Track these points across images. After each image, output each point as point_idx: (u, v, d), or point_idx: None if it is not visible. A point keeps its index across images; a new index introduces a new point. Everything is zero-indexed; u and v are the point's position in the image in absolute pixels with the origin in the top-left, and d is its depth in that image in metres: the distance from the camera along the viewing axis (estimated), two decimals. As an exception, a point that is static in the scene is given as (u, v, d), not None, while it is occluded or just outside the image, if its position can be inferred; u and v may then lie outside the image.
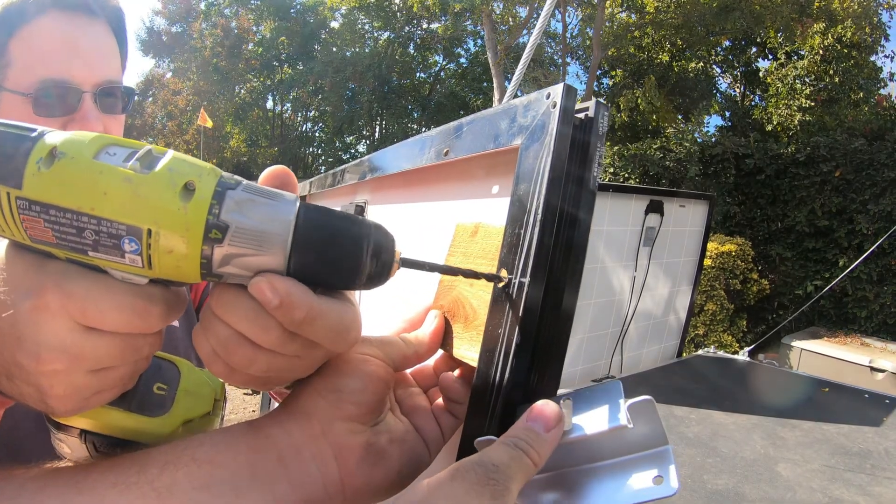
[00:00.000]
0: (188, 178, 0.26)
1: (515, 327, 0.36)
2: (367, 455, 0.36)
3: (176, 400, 0.38)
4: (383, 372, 0.39)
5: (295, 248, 0.27)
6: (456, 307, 0.45)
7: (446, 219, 0.57)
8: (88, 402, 0.32)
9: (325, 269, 0.29)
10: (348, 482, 0.35)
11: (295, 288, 0.28)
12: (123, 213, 0.25)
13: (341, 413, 0.36)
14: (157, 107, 13.94)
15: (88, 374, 0.30)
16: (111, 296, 0.28)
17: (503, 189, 0.47)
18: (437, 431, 0.41)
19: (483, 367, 0.38)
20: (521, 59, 1.15)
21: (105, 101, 0.67)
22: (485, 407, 0.37)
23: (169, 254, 0.26)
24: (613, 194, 2.31)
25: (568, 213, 0.37)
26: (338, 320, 0.31)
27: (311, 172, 15.24)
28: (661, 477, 0.29)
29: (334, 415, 0.36)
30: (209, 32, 13.76)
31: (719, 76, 12.05)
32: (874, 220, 6.34)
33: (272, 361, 0.31)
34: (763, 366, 2.64)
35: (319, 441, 0.35)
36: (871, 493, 1.32)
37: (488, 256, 0.43)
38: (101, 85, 0.66)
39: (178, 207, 0.25)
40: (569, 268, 0.38)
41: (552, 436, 0.31)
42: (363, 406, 0.37)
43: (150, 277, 0.28)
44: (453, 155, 0.51)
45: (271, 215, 0.27)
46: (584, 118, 0.38)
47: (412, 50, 16.22)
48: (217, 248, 0.26)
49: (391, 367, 0.40)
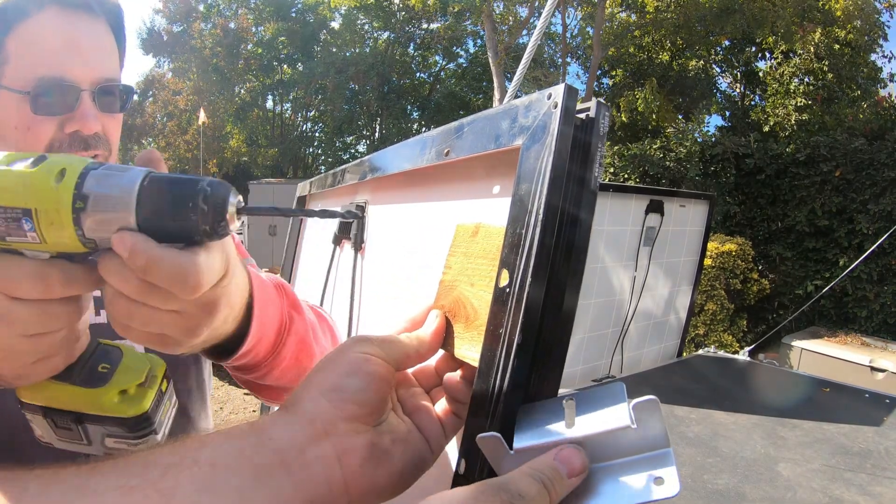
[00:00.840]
0: (62, 167, 0.33)
1: (517, 327, 0.36)
2: (370, 455, 0.36)
3: (115, 374, 0.46)
4: (384, 371, 0.39)
5: (139, 207, 0.33)
6: (457, 307, 0.45)
7: (447, 219, 0.57)
8: (34, 368, 0.39)
9: (165, 222, 0.34)
10: (352, 482, 0.35)
11: (138, 238, 0.33)
12: (18, 200, 0.32)
13: (344, 413, 0.36)
14: (158, 107, 13.93)
15: (23, 339, 0.37)
16: (20, 268, 0.35)
17: (504, 189, 0.47)
18: (440, 431, 0.41)
19: (484, 367, 0.38)
20: (522, 60, 1.15)
21: (103, 100, 0.67)
22: (486, 407, 0.37)
23: (51, 226, 0.33)
24: (613, 194, 2.31)
25: (569, 213, 0.37)
26: (174, 265, 0.34)
27: (311, 172, 15.23)
28: (661, 479, 0.29)
29: (337, 415, 0.36)
30: (209, 33, 13.76)
31: (719, 76, 12.05)
32: (874, 220, 6.34)
33: (150, 315, 0.37)
34: (763, 365, 2.64)
35: (323, 441, 0.35)
36: (871, 492, 1.32)
37: (489, 257, 0.43)
38: (99, 83, 0.66)
39: (52, 188, 0.32)
40: (570, 268, 0.38)
41: (573, 482, 0.31)
42: (366, 406, 0.37)
43: (49, 252, 0.35)
44: (454, 155, 0.51)
45: (120, 183, 0.33)
46: (586, 118, 0.38)
47: (412, 50, 16.22)
48: (83, 216, 0.33)
49: (392, 366, 0.40)
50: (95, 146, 0.66)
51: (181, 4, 14.25)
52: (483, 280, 0.42)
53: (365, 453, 0.36)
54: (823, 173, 6.80)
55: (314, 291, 1.25)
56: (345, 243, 1.09)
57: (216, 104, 13.58)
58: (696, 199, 2.72)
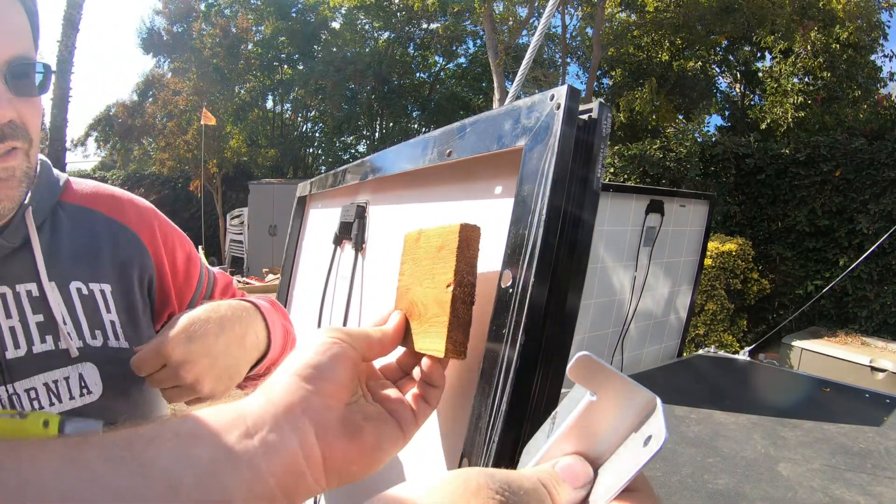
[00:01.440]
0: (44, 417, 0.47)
1: (519, 328, 0.36)
2: (344, 430, 0.39)
3: None
4: (352, 353, 0.42)
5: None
6: (412, 308, 0.49)
7: (449, 220, 0.57)
8: None
9: None
10: (327, 455, 0.37)
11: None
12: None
13: (317, 389, 0.39)
14: (157, 107, 13.91)
15: None
16: None
17: (507, 190, 0.48)
18: (411, 415, 0.44)
19: (487, 367, 0.38)
20: (524, 60, 1.15)
21: (17, 83, 0.57)
22: (489, 406, 0.37)
23: None
24: (613, 194, 2.31)
25: (572, 213, 0.37)
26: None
27: (311, 173, 15.22)
28: (649, 437, 0.29)
29: (311, 391, 0.38)
30: (209, 34, 13.74)
31: (719, 76, 12.05)
32: (874, 220, 6.34)
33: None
34: (763, 365, 2.64)
35: (298, 416, 0.37)
36: (871, 492, 1.32)
37: (430, 256, 0.47)
38: (9, 63, 0.56)
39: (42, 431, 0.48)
40: (572, 268, 0.38)
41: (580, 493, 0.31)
42: (336, 383, 0.40)
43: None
44: (456, 156, 0.51)
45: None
46: (588, 119, 0.38)
47: (412, 50, 16.20)
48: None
49: (359, 352, 0.43)
50: (13, 136, 0.57)
51: (181, 4, 14.24)
52: (428, 278, 0.46)
53: (339, 428, 0.38)
54: (823, 173, 6.80)
55: (314, 292, 1.25)
56: (345, 244, 1.09)
57: (216, 104, 13.56)
58: (696, 199, 2.72)
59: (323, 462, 0.37)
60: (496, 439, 0.38)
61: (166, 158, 13.42)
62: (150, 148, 14.97)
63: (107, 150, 16.17)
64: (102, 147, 15.95)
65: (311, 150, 17.02)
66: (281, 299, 1.58)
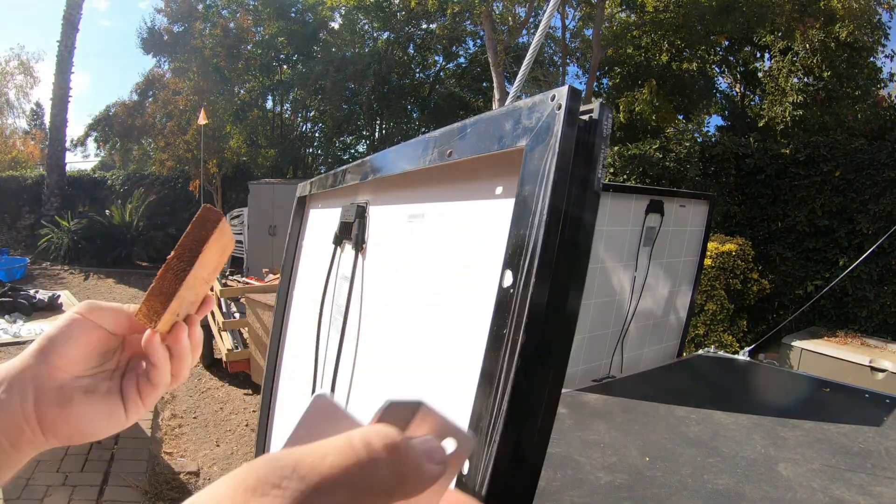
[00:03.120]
0: None
1: (520, 328, 0.36)
2: (57, 398, 0.45)
3: None
4: (92, 328, 0.47)
5: None
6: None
7: (449, 220, 0.57)
8: None
9: None
10: (40, 417, 0.44)
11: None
12: None
13: (46, 360, 0.45)
14: (157, 107, 13.89)
15: None
16: None
17: (507, 190, 0.48)
18: (136, 395, 0.49)
19: (488, 367, 0.38)
20: (525, 61, 1.15)
21: None
22: (490, 405, 0.37)
23: None
24: (613, 194, 2.31)
25: (572, 214, 0.37)
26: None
27: (310, 172, 15.21)
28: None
29: (40, 361, 0.45)
30: (209, 33, 13.73)
31: (719, 76, 12.05)
32: (874, 220, 6.34)
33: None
34: (763, 366, 2.64)
35: (27, 381, 0.44)
36: (871, 492, 1.32)
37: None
38: None
39: None
40: (573, 268, 0.38)
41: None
42: (66, 356, 0.46)
43: None
44: (457, 156, 0.51)
45: None
46: (589, 120, 0.38)
47: (412, 50, 16.19)
48: None
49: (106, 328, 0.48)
50: None
51: (182, 4, 14.23)
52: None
53: (53, 396, 0.45)
54: (823, 173, 6.80)
55: (314, 292, 1.25)
56: (345, 244, 1.09)
57: (216, 104, 13.55)
58: (696, 199, 2.72)
59: (38, 422, 0.44)
60: (496, 439, 0.38)
61: (166, 158, 13.40)
62: (150, 148, 14.95)
63: (106, 150, 16.16)
64: (102, 147, 15.94)
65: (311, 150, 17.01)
66: (281, 299, 1.58)
